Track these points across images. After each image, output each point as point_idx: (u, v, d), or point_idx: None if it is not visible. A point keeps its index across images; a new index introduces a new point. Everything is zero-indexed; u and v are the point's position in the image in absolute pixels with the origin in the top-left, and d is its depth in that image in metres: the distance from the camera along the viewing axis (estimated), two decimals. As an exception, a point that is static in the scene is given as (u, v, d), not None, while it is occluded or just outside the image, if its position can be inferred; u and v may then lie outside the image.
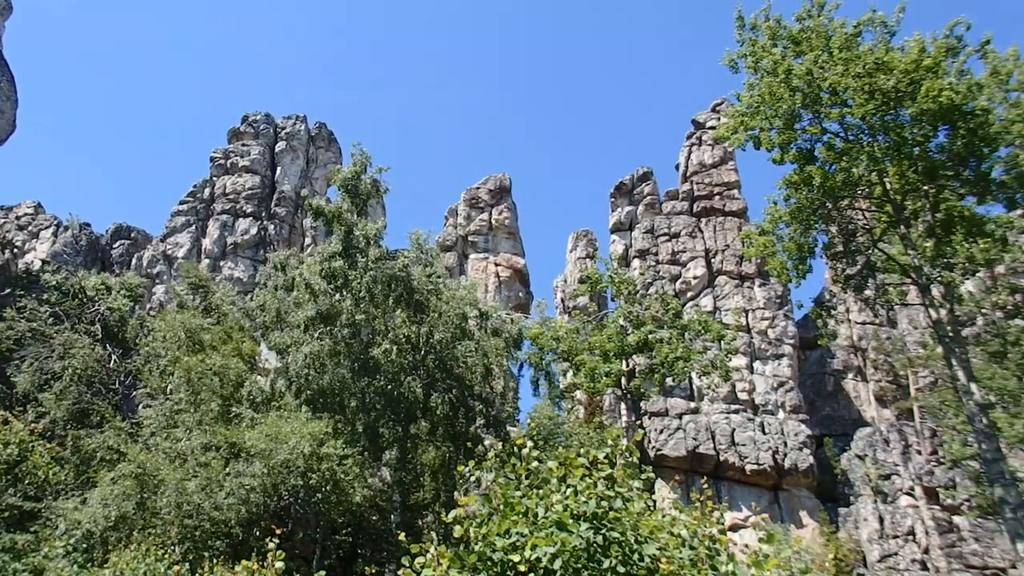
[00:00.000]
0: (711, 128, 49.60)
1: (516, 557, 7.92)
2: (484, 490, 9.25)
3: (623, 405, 39.95)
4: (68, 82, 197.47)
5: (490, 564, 8.08)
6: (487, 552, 8.13)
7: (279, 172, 60.70)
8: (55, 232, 56.90)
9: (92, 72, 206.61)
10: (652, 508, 9.08)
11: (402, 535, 10.18)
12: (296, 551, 24.13)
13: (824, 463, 40.39)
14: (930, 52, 22.69)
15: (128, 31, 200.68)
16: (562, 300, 52.73)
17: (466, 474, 9.70)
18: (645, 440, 38.72)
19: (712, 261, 46.20)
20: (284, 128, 62.78)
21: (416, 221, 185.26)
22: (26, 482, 26.10)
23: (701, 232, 47.44)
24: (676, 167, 52.03)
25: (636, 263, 46.97)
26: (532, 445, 9.41)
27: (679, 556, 8.13)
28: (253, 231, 56.41)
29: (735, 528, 35.99)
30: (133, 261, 56.25)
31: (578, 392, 38.02)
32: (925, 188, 23.83)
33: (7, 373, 32.62)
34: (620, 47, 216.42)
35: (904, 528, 36.01)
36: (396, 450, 28.00)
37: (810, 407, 43.15)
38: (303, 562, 23.91)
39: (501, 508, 8.62)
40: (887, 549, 35.55)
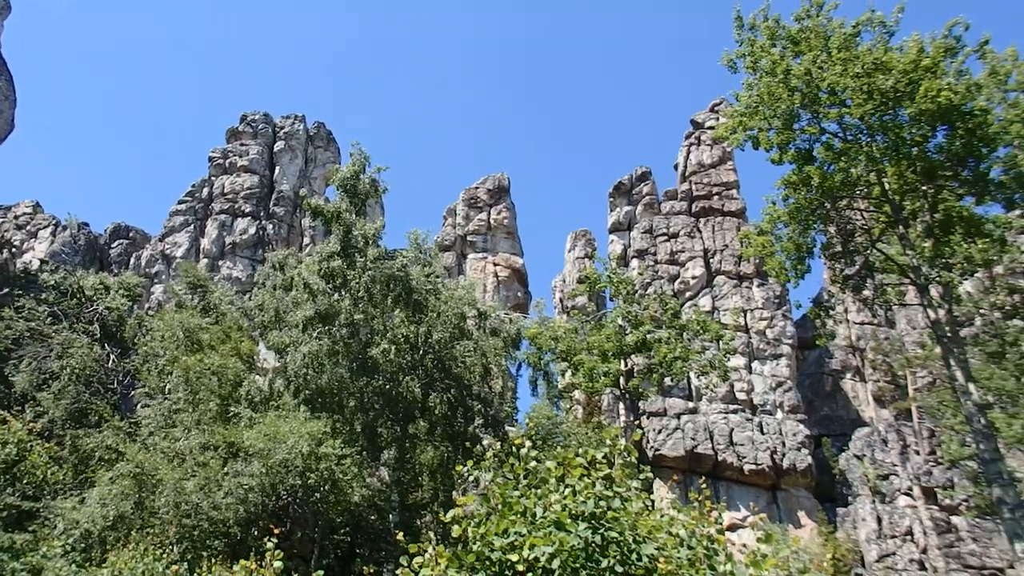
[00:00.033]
0: (710, 128, 49.63)
1: (514, 557, 7.92)
2: (482, 490, 9.26)
3: (621, 405, 39.98)
4: (67, 81, 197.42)
5: (488, 564, 8.08)
6: (485, 552, 8.14)
7: (277, 172, 60.67)
8: (53, 232, 56.89)
9: (91, 71, 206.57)
10: (650, 508, 9.09)
11: (400, 535, 10.17)
12: (294, 551, 24.11)
13: (822, 463, 40.43)
14: (929, 52, 22.69)
15: (127, 30, 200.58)
16: (561, 300, 52.75)
17: (464, 474, 9.70)
18: (643, 440, 38.74)
19: (711, 261, 46.22)
20: (283, 128, 62.75)
21: (415, 221, 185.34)
22: (24, 481, 26.07)
23: (700, 232, 47.46)
24: (675, 167, 52.06)
25: (635, 263, 47.00)
26: (530, 445, 9.41)
27: (677, 556, 8.14)
28: (251, 231, 56.38)
29: (733, 528, 36.02)
30: (131, 261, 56.23)
31: (576, 392, 38.01)
32: (924, 188, 23.84)
33: (5, 373, 32.59)
34: (619, 47, 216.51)
35: (902, 528, 36.03)
36: (394, 450, 27.98)
37: (808, 407, 43.19)
38: (301, 562, 23.89)
39: (499, 508, 8.62)
40: (885, 549, 35.57)
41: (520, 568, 7.87)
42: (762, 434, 39.40)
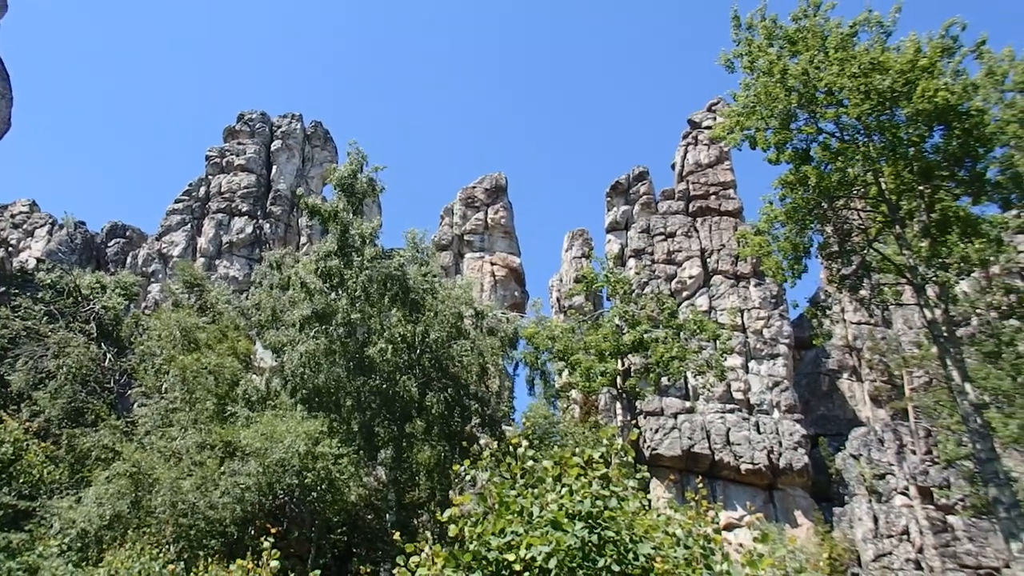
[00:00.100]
0: (707, 128, 49.61)
1: (511, 556, 7.92)
2: (479, 489, 9.27)
3: (618, 404, 39.97)
4: (64, 80, 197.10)
5: (485, 563, 8.08)
6: (482, 551, 8.13)
7: (275, 171, 60.62)
8: (50, 230, 56.81)
9: (88, 70, 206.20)
10: (647, 507, 9.10)
11: (397, 534, 10.19)
12: (291, 550, 24.08)
13: (819, 463, 40.44)
14: (926, 52, 22.73)
15: (124, 29, 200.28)
16: (558, 299, 52.74)
17: (461, 473, 9.70)
18: (640, 439, 38.73)
19: (708, 261, 46.23)
20: (280, 127, 62.71)
21: (412, 220, 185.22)
22: (21, 481, 26.07)
23: (697, 232, 47.47)
24: (672, 167, 52.06)
25: (632, 263, 47.01)
26: (527, 444, 9.41)
27: (674, 555, 8.14)
28: (248, 230, 56.32)
29: (730, 527, 36.05)
30: (128, 260, 56.15)
31: (573, 391, 38.01)
32: (920, 188, 23.86)
33: (1, 372, 32.56)
34: (617, 47, 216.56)
35: (898, 528, 36.09)
36: (391, 449, 27.96)
37: (805, 407, 43.23)
38: (298, 561, 23.89)
39: (496, 507, 8.62)
40: (881, 549, 35.62)
41: (517, 567, 7.87)
42: (759, 434, 39.42)
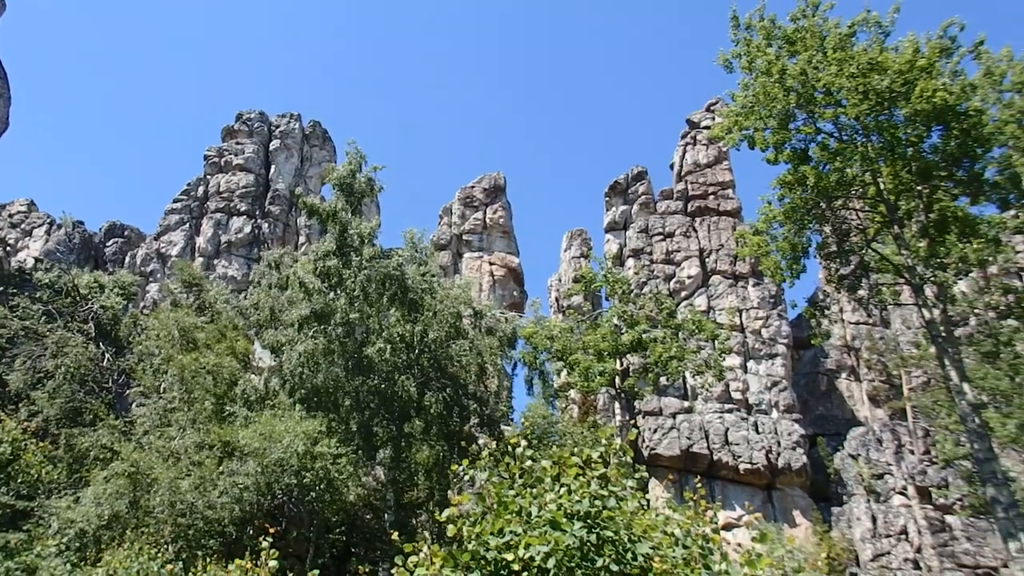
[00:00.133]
0: (706, 128, 49.61)
1: (510, 556, 7.92)
2: (478, 489, 9.26)
3: (617, 404, 39.99)
4: (62, 79, 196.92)
5: (484, 563, 8.08)
6: (481, 551, 8.13)
7: (273, 170, 60.59)
8: (48, 230, 56.79)
9: (86, 69, 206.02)
10: (646, 507, 9.10)
11: (396, 534, 10.18)
12: (290, 550, 24.07)
13: (817, 462, 40.46)
14: (924, 53, 22.75)
15: (123, 29, 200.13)
16: (556, 299, 52.75)
17: (460, 473, 9.69)
18: (639, 439, 38.73)
19: (706, 261, 46.24)
20: (278, 126, 62.68)
21: (411, 220, 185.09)
22: (19, 481, 26.05)
23: (695, 232, 47.47)
24: (671, 167, 52.07)
25: (630, 262, 47.01)
26: (526, 444, 9.41)
27: (672, 555, 8.14)
28: (247, 229, 56.30)
29: (728, 527, 36.06)
30: (126, 259, 56.11)
31: (572, 391, 38.02)
32: (919, 188, 23.89)
33: (0, 371, 32.54)
34: (615, 47, 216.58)
35: (897, 527, 36.12)
36: (390, 449, 27.95)
37: (803, 407, 43.24)
38: (297, 561, 23.87)
39: (495, 507, 8.62)
40: (880, 548, 35.65)
41: (515, 567, 7.87)
42: (757, 433, 39.43)
